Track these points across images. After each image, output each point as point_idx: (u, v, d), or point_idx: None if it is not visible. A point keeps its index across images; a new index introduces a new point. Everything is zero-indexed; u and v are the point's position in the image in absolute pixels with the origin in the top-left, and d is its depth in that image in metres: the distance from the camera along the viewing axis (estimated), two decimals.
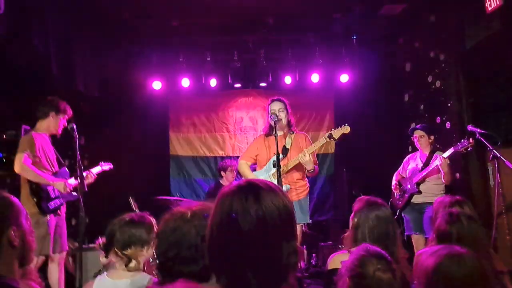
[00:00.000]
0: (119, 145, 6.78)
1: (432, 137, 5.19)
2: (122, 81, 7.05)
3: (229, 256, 1.23)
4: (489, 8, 4.59)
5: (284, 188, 4.19)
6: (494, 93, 5.26)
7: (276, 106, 4.52)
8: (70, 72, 5.63)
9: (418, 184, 5.02)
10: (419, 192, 4.98)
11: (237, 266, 1.21)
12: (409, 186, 5.11)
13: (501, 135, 5.02)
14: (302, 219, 4.40)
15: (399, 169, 5.44)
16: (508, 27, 4.56)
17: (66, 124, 4.36)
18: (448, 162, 4.76)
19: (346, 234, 2.63)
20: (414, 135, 5.23)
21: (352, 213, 2.62)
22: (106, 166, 4.82)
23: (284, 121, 4.49)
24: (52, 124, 4.30)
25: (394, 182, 5.35)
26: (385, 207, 2.54)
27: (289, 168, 4.39)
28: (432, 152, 5.07)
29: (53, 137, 5.42)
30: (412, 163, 5.28)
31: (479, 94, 5.46)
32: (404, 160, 5.44)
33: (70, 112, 4.39)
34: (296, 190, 4.44)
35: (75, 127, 4.16)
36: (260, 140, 4.72)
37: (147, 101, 7.33)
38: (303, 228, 4.63)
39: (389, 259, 1.77)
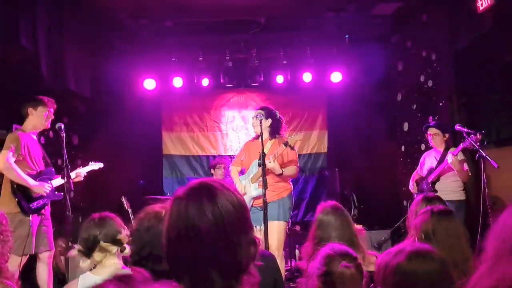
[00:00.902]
0: (112, 145, 6.77)
1: (447, 135, 5.06)
2: (115, 80, 7.02)
3: (191, 258, 1.23)
4: (481, 8, 4.58)
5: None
6: (486, 92, 5.25)
7: (253, 114, 4.52)
8: (62, 72, 5.59)
9: (433, 183, 4.95)
10: (435, 191, 4.86)
11: (200, 267, 1.22)
12: (425, 186, 5.04)
13: (493, 135, 5.01)
14: (282, 217, 4.42)
15: (416, 169, 5.36)
16: (500, 27, 4.55)
17: (53, 117, 4.28)
18: (460, 158, 4.68)
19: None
20: (428, 133, 5.12)
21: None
22: (96, 165, 4.71)
23: (257, 129, 4.38)
24: (36, 120, 4.19)
25: (411, 183, 5.27)
26: (328, 213, 2.65)
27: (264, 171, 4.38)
28: (446, 149, 4.94)
29: (46, 138, 5.43)
30: (427, 161, 5.18)
31: (471, 93, 5.46)
32: (421, 159, 5.34)
33: (50, 103, 4.26)
34: (277, 191, 4.46)
35: (62, 126, 4.12)
36: (246, 145, 4.85)
37: (140, 101, 7.33)
38: (287, 227, 4.62)
39: (354, 256, 1.77)
